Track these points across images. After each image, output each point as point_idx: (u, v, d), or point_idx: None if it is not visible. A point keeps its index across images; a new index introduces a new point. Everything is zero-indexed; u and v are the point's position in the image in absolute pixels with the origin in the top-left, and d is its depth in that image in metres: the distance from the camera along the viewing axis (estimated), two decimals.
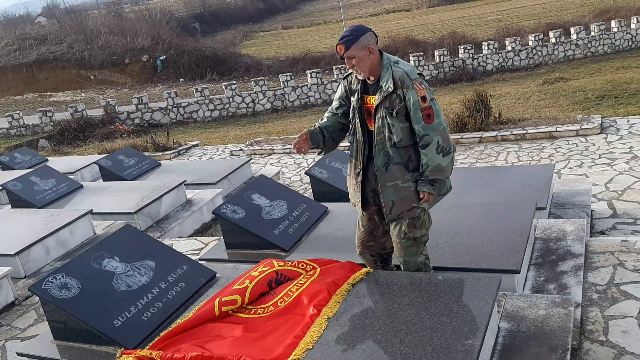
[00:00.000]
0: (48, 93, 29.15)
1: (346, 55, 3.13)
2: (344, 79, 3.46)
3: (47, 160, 11.12)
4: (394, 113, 3.14)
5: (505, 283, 3.55)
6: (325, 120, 3.50)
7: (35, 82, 31.44)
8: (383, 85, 3.15)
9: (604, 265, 3.98)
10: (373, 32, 3.20)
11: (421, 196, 3.22)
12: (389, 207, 3.28)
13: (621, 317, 3.38)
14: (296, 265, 3.66)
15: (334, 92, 21.06)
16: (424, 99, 3.08)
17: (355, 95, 3.32)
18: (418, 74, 3.17)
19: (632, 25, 22.45)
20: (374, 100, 3.23)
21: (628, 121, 8.91)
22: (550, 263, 4.06)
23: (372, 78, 3.24)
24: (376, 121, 3.22)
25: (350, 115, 3.39)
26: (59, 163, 10.37)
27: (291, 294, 3.37)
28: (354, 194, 3.46)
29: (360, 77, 3.26)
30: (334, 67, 21.88)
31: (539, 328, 3.15)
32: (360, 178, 3.37)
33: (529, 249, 4.10)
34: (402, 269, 3.51)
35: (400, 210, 3.26)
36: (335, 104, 3.52)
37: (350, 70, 3.33)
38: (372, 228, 3.53)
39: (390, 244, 3.57)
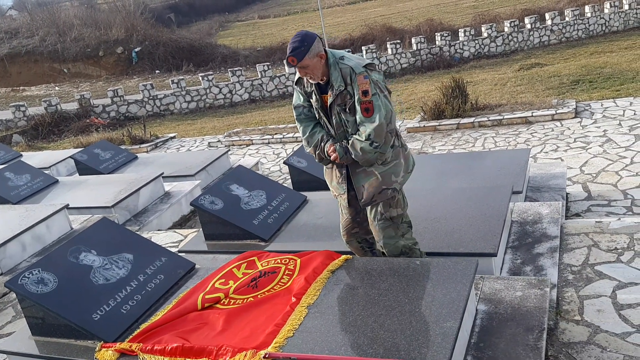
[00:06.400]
0: (21, 87, 28.59)
1: (299, 65, 3.15)
2: (295, 84, 3.46)
3: (21, 155, 10.93)
4: (347, 109, 3.22)
5: (482, 266, 3.60)
6: (320, 132, 3.41)
7: (7, 76, 30.78)
8: (334, 84, 3.20)
9: (579, 246, 4.06)
10: (319, 36, 3.23)
11: (331, 148, 3.29)
12: (360, 192, 3.35)
13: (596, 296, 3.45)
14: (279, 261, 3.66)
15: None
16: (365, 93, 3.11)
17: (314, 96, 3.36)
18: (366, 65, 3.17)
19: (606, 10, 22.69)
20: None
21: (602, 105, 9.04)
22: (526, 245, 4.12)
23: (323, 79, 3.27)
24: (333, 117, 3.30)
25: (317, 115, 3.43)
26: (33, 158, 10.21)
27: (273, 291, 3.38)
28: (338, 187, 3.48)
29: (313, 82, 3.30)
30: None
31: (516, 309, 3.20)
32: (344, 170, 3.39)
33: (505, 233, 4.16)
34: (385, 254, 3.52)
35: (372, 194, 3.32)
36: (303, 110, 3.45)
37: (298, 76, 3.37)
38: (353, 214, 3.57)
39: None
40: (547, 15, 22.56)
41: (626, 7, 22.93)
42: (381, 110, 3.12)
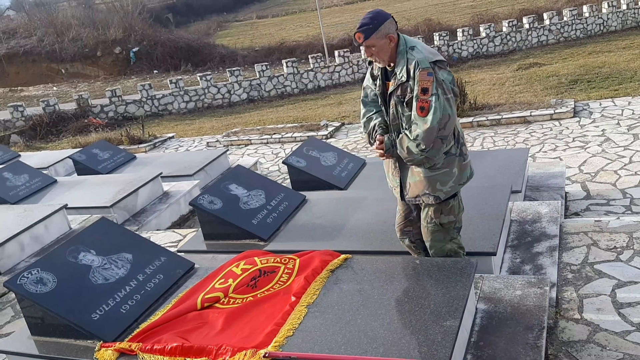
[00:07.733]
0: (19, 88, 28.54)
1: (365, 44, 3.02)
2: (368, 64, 3.37)
3: (19, 155, 10.90)
4: (405, 102, 3.08)
5: (482, 265, 3.60)
6: (377, 118, 3.31)
7: (5, 76, 30.72)
8: (397, 74, 3.07)
9: (578, 245, 4.06)
10: (393, 18, 3.10)
11: (379, 140, 3.20)
12: (406, 187, 3.29)
13: (595, 295, 3.45)
14: (278, 261, 3.66)
15: (310, 81, 20.98)
16: (424, 90, 2.94)
17: (377, 81, 3.27)
18: (434, 61, 2.99)
19: (603, 10, 22.72)
20: None
21: (600, 104, 9.05)
22: (526, 245, 4.12)
23: (392, 64, 3.13)
24: (390, 107, 3.19)
25: (379, 100, 3.32)
26: (31, 158, 10.18)
27: (272, 290, 3.38)
28: (392, 178, 3.39)
29: (380, 66, 3.19)
30: (309, 57, 21.80)
31: (516, 308, 3.20)
32: (398, 163, 3.28)
33: (505, 232, 4.16)
34: (429, 253, 3.47)
35: (415, 193, 3.24)
36: (370, 92, 3.37)
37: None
38: (407, 212, 3.49)
39: None
40: (545, 15, 22.58)
41: (624, 7, 22.96)
42: (436, 113, 2.94)
